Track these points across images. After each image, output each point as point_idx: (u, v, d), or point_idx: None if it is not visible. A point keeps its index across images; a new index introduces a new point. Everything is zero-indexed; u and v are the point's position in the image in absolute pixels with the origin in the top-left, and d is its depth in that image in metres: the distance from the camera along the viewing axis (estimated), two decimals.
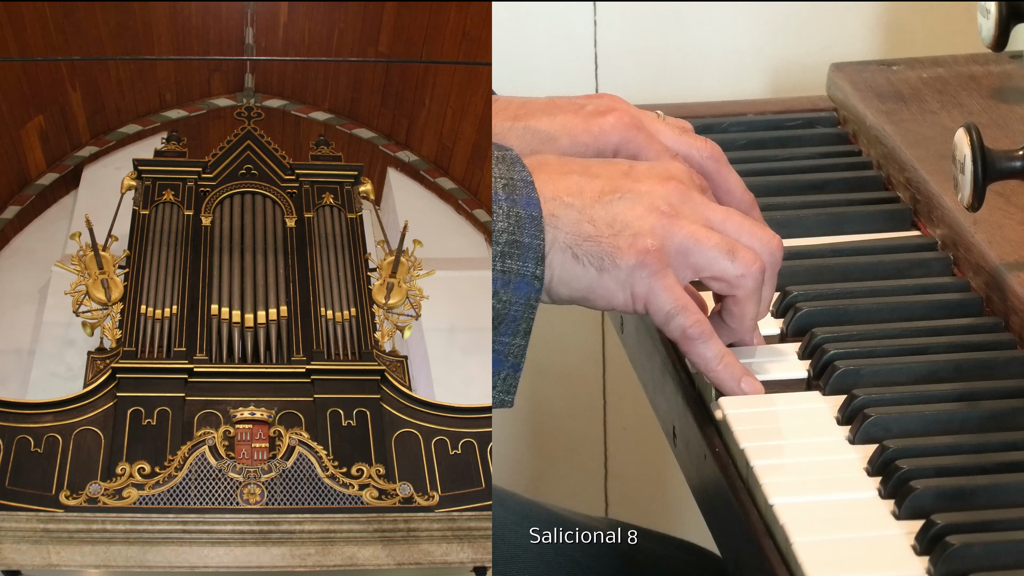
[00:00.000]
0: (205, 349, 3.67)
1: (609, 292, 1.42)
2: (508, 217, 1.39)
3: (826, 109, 1.95)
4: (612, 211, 1.42)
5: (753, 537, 1.29)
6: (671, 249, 1.42)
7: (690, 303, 1.43)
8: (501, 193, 1.40)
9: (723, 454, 1.40)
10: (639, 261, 1.41)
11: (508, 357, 1.41)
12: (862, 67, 1.96)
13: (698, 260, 1.43)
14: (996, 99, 1.85)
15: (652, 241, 1.41)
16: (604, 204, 1.42)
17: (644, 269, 1.41)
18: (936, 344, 1.47)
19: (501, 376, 1.42)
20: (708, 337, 1.43)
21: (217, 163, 4.32)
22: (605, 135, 1.54)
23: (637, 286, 1.42)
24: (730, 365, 1.44)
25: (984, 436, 1.34)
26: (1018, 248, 1.54)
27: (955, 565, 1.17)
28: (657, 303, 1.42)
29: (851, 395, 1.40)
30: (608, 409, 2.79)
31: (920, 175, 1.70)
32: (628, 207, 1.42)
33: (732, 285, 1.44)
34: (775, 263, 1.46)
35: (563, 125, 1.55)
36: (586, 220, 1.41)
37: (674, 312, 1.42)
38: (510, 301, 1.39)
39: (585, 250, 1.41)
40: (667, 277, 1.42)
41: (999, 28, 1.76)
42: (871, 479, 1.30)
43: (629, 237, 1.41)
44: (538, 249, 1.39)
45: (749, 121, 1.92)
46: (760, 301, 1.46)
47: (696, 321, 1.43)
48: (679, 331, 1.43)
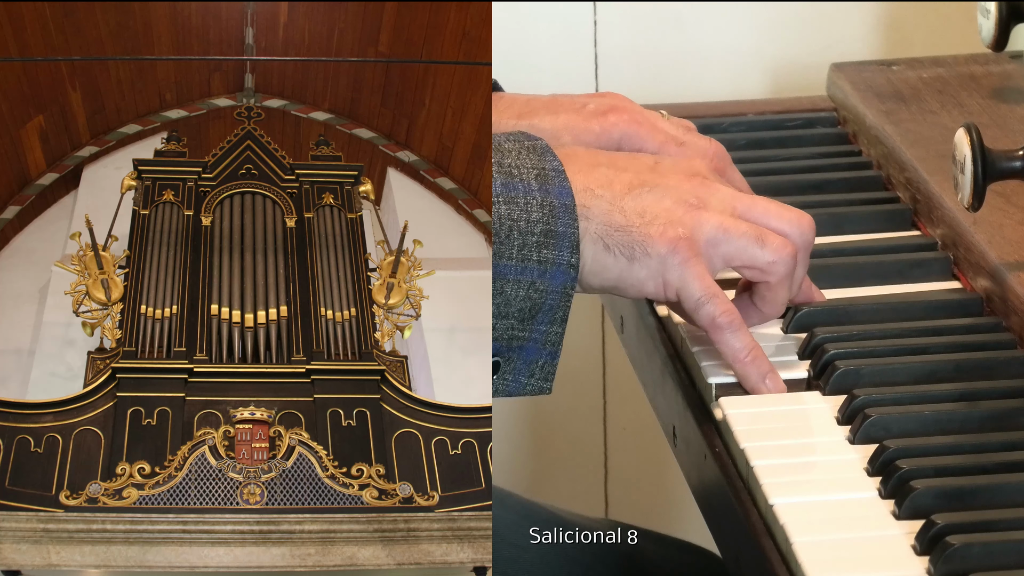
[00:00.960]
0: (205, 349, 3.67)
1: (640, 281, 1.44)
2: (542, 207, 1.40)
3: (826, 109, 1.95)
4: (642, 203, 1.43)
5: (753, 537, 1.29)
6: (701, 240, 1.44)
7: (720, 292, 1.44)
8: (534, 183, 1.41)
9: (723, 454, 1.41)
10: (671, 249, 1.42)
11: (546, 345, 1.43)
12: (862, 67, 1.96)
13: (728, 250, 1.44)
14: (996, 99, 1.85)
15: (683, 230, 1.43)
16: (633, 196, 1.43)
17: (676, 256, 1.42)
18: (936, 344, 1.47)
19: (539, 364, 1.44)
20: (738, 327, 1.44)
21: (217, 163, 4.31)
22: (607, 132, 1.55)
23: (668, 273, 1.43)
24: (757, 359, 1.44)
25: (984, 436, 1.34)
26: (1018, 248, 1.54)
27: (955, 565, 1.17)
28: (688, 290, 1.43)
29: (851, 395, 1.40)
30: (608, 409, 2.79)
31: (920, 175, 1.70)
32: (657, 199, 1.43)
33: (764, 272, 1.45)
34: (807, 244, 1.48)
35: (565, 124, 1.57)
36: (616, 211, 1.43)
37: (704, 300, 1.43)
38: (547, 290, 1.41)
39: (616, 240, 1.42)
40: (698, 265, 1.43)
41: (999, 28, 1.77)
42: (871, 479, 1.30)
43: (660, 226, 1.42)
44: (573, 237, 1.41)
45: (749, 121, 1.92)
46: (793, 285, 1.47)
47: (726, 310, 1.44)
48: (709, 319, 1.44)
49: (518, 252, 1.39)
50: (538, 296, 1.41)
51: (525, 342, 1.42)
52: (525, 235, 1.40)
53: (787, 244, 1.45)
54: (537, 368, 1.44)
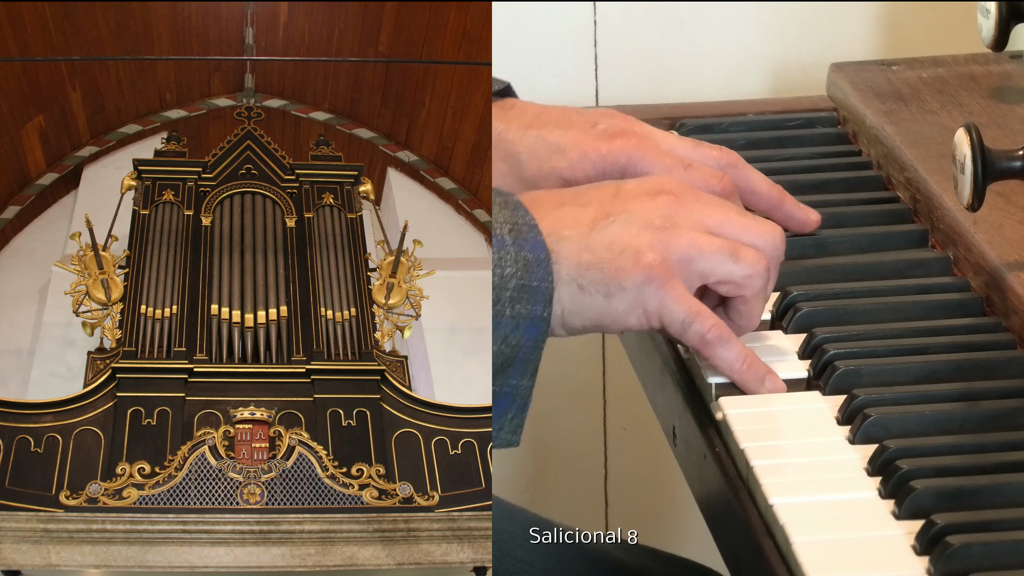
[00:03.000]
0: (205, 349, 3.68)
1: (621, 315, 1.43)
2: (516, 262, 1.40)
3: (826, 109, 1.94)
4: (609, 235, 1.42)
5: (753, 537, 1.29)
6: (673, 260, 1.42)
7: (703, 308, 1.43)
8: (508, 238, 1.40)
9: (723, 454, 1.40)
10: (645, 277, 1.41)
11: (516, 398, 1.42)
12: (862, 67, 1.96)
13: (703, 266, 1.43)
14: (996, 99, 1.84)
15: (653, 256, 1.41)
16: (599, 230, 1.42)
17: (651, 284, 1.41)
18: (936, 344, 1.47)
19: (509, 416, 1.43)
20: (728, 339, 1.43)
21: (217, 163, 4.32)
22: (613, 155, 1.55)
23: (648, 302, 1.42)
24: (753, 364, 1.44)
25: (984, 436, 1.34)
26: (1018, 248, 1.54)
27: (955, 565, 1.17)
28: (671, 315, 1.42)
29: (851, 395, 1.40)
30: (608, 409, 2.79)
31: (920, 175, 1.70)
32: (623, 228, 1.42)
33: (739, 286, 1.44)
34: (778, 257, 1.47)
35: (574, 140, 1.56)
36: (585, 249, 1.41)
37: (689, 320, 1.42)
38: (519, 344, 1.40)
39: (589, 279, 1.41)
40: (676, 287, 1.42)
41: (999, 28, 1.76)
42: (871, 479, 1.30)
43: (631, 257, 1.41)
44: (546, 292, 1.40)
45: (749, 121, 1.92)
46: (767, 298, 1.47)
47: (712, 326, 1.43)
48: (698, 338, 1.43)
49: (492, 307, 1.39)
50: (510, 351, 1.40)
51: (496, 396, 1.41)
52: (499, 290, 1.39)
53: (761, 258, 1.44)
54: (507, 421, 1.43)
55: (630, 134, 1.56)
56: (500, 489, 2.79)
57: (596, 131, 1.57)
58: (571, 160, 1.56)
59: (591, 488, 2.84)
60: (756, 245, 1.45)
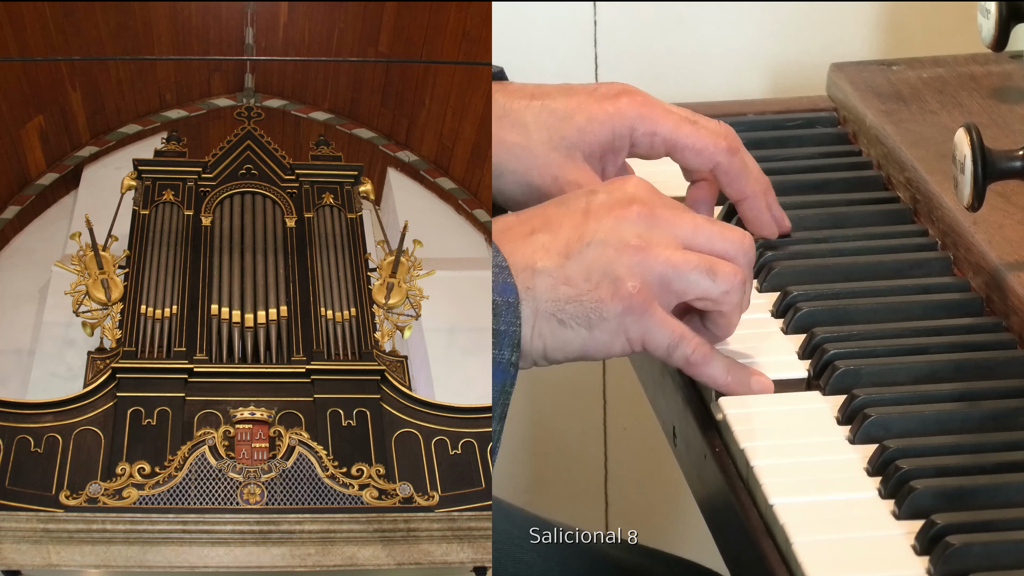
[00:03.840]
0: (205, 349, 3.68)
1: (605, 344, 1.41)
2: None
3: (826, 109, 1.95)
4: (585, 263, 1.39)
5: (753, 537, 1.29)
6: (652, 282, 1.41)
7: (685, 330, 1.42)
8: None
9: (723, 454, 1.41)
10: (626, 306, 1.39)
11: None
12: (862, 67, 1.96)
13: (680, 286, 1.42)
14: (996, 99, 1.85)
15: (632, 283, 1.39)
16: (575, 259, 1.40)
17: (632, 313, 1.40)
18: (936, 344, 1.47)
19: None
20: (711, 357, 1.43)
21: (217, 163, 4.32)
22: (621, 113, 1.56)
23: (630, 331, 1.41)
24: (737, 374, 1.44)
25: (984, 436, 1.34)
26: (1018, 248, 1.54)
27: (955, 565, 1.17)
28: (654, 341, 1.41)
29: (851, 395, 1.40)
30: (608, 409, 2.79)
31: (920, 175, 1.70)
32: (599, 253, 1.40)
33: (717, 302, 1.43)
34: (750, 263, 1.46)
35: (579, 104, 1.57)
36: (561, 283, 1.39)
37: (673, 345, 1.42)
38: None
39: (569, 313, 1.39)
40: (656, 312, 1.41)
41: (999, 28, 1.76)
42: (871, 479, 1.30)
43: (609, 286, 1.39)
44: (514, 336, 1.38)
45: (749, 121, 1.92)
46: (745, 308, 1.46)
47: (695, 347, 1.42)
48: (683, 360, 1.43)
49: None
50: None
51: None
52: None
53: (737, 271, 1.42)
54: None
55: (634, 92, 1.57)
56: (500, 489, 2.79)
57: (599, 94, 1.57)
58: (579, 125, 1.55)
59: (591, 488, 2.84)
60: (729, 254, 1.43)
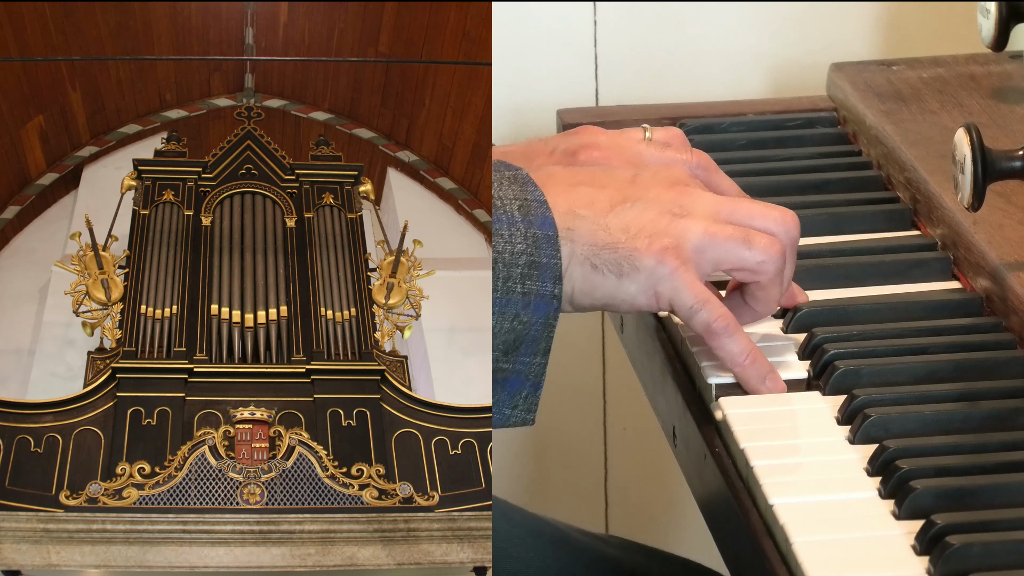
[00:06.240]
0: (205, 349, 3.68)
1: (631, 295, 1.43)
2: (526, 238, 1.40)
3: (826, 109, 1.95)
4: (625, 218, 1.43)
5: (753, 537, 1.29)
6: (688, 247, 1.43)
7: (712, 297, 1.44)
8: (517, 215, 1.40)
9: (723, 454, 1.40)
10: (659, 260, 1.42)
11: (529, 376, 1.43)
12: (862, 67, 1.96)
13: (716, 254, 1.44)
14: (996, 99, 1.85)
15: (669, 240, 1.43)
16: (616, 213, 1.43)
17: (664, 267, 1.42)
18: (936, 344, 1.47)
19: (522, 395, 1.43)
20: (734, 331, 1.44)
21: (217, 163, 4.32)
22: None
23: (659, 285, 1.43)
24: (756, 361, 1.45)
25: (984, 436, 1.34)
26: (1018, 248, 1.54)
27: (955, 565, 1.17)
28: (680, 299, 1.43)
29: (851, 395, 1.40)
30: (608, 409, 2.79)
31: (920, 175, 1.70)
32: (640, 212, 1.43)
33: (754, 272, 1.45)
34: (793, 240, 1.48)
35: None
36: (601, 229, 1.42)
37: (697, 307, 1.43)
38: (531, 322, 1.41)
39: (603, 259, 1.42)
40: (688, 273, 1.43)
41: (999, 28, 1.76)
42: (871, 479, 1.30)
43: (646, 239, 1.42)
44: (556, 268, 1.41)
45: (749, 121, 1.92)
46: (783, 282, 1.47)
47: (720, 315, 1.44)
48: (703, 325, 1.44)
49: (503, 284, 1.40)
50: (521, 327, 1.41)
51: (509, 374, 1.42)
52: (509, 267, 1.40)
53: (774, 242, 1.45)
54: (520, 399, 1.43)
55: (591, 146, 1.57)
56: (500, 489, 2.79)
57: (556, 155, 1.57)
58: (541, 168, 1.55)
59: (591, 488, 2.84)
60: (770, 230, 1.46)
